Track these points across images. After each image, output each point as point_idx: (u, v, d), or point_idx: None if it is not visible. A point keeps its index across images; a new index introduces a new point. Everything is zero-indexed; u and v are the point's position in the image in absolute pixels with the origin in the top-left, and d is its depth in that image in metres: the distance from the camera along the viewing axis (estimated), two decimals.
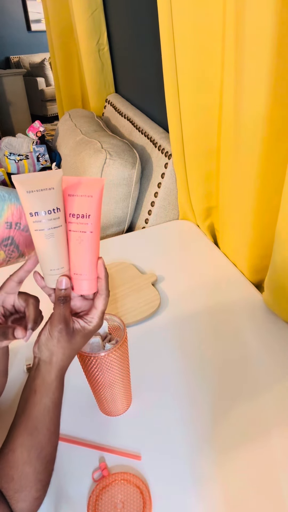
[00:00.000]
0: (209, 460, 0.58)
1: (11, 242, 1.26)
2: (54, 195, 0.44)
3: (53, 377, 0.46)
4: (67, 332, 0.46)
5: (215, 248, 1.07)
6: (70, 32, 2.06)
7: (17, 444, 0.43)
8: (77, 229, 0.46)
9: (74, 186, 0.45)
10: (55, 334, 0.45)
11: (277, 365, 0.72)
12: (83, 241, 0.46)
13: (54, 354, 0.46)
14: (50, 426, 0.45)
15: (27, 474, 0.43)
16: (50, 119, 4.79)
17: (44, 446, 0.44)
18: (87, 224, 0.45)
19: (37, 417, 0.44)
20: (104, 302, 0.49)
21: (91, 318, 0.48)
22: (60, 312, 0.46)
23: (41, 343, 0.46)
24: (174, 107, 0.95)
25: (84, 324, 0.48)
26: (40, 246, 0.45)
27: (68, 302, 0.47)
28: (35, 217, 0.44)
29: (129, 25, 1.50)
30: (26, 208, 0.44)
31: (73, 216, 0.46)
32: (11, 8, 4.69)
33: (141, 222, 1.30)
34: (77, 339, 0.47)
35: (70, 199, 0.45)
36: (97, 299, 0.49)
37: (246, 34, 0.63)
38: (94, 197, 0.45)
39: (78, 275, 0.48)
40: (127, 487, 0.55)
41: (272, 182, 0.75)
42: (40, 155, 1.81)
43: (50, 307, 0.49)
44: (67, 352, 0.46)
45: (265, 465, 0.57)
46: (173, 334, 0.80)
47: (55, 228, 0.44)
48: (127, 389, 0.63)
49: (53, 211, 0.44)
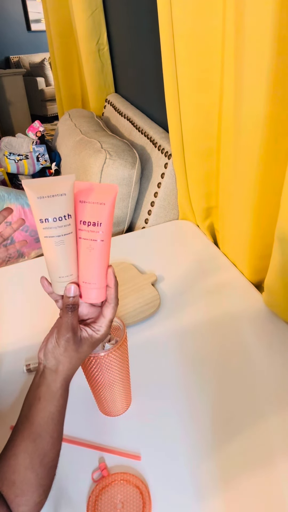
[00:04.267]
0: (208, 460, 0.58)
1: (11, 242, 1.26)
2: (65, 201, 0.42)
3: (58, 386, 0.45)
4: (74, 341, 0.45)
5: (215, 248, 1.07)
6: (70, 32, 2.06)
7: (20, 450, 0.43)
8: (87, 237, 0.45)
9: (86, 192, 0.44)
10: (62, 343, 0.45)
11: (277, 365, 0.72)
12: (93, 249, 0.45)
13: (60, 363, 0.45)
14: (54, 433, 0.45)
15: (29, 479, 0.42)
16: (50, 119, 4.79)
17: (47, 453, 0.44)
18: (98, 232, 0.44)
19: (41, 424, 0.44)
20: (113, 311, 0.48)
21: (99, 326, 0.48)
22: (68, 320, 0.45)
23: (48, 350, 0.46)
24: (174, 107, 0.95)
25: (92, 332, 0.47)
26: (49, 253, 0.44)
27: (76, 310, 0.46)
28: (45, 224, 0.42)
29: (129, 25, 1.50)
30: (36, 214, 0.42)
31: (84, 223, 0.44)
32: (11, 8, 4.69)
33: (141, 222, 1.30)
34: (84, 348, 0.47)
35: (81, 205, 0.44)
36: (106, 308, 0.48)
37: (246, 34, 0.63)
38: (107, 204, 0.44)
39: (87, 284, 0.47)
40: (126, 487, 0.55)
41: (272, 182, 0.75)
42: (40, 155, 1.81)
43: (57, 313, 0.49)
44: (73, 361, 0.46)
45: (265, 465, 0.57)
46: (173, 334, 0.80)
47: (65, 235, 0.43)
48: (126, 389, 0.63)
49: (64, 217, 0.42)
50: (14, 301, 0.93)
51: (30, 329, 0.84)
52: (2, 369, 0.75)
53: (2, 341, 0.81)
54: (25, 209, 1.28)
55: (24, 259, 1.31)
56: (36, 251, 1.33)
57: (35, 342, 0.79)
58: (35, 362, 0.74)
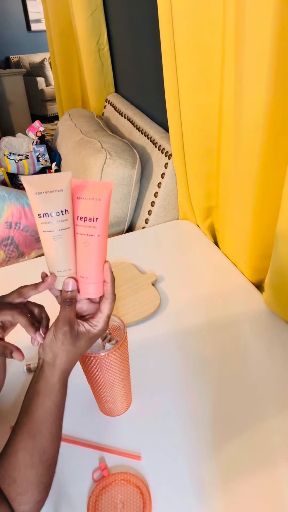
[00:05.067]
0: (209, 460, 0.58)
1: (11, 242, 1.26)
2: (63, 197, 0.44)
3: (56, 380, 0.45)
4: (71, 335, 0.46)
5: (215, 248, 1.07)
6: (70, 32, 2.06)
7: (19, 447, 0.43)
8: (84, 232, 0.46)
9: (82, 188, 0.46)
10: (60, 336, 0.45)
11: (277, 365, 0.72)
12: (90, 244, 0.46)
13: (57, 356, 0.46)
14: (53, 429, 0.45)
15: (29, 477, 0.43)
16: (50, 119, 4.79)
17: (46, 449, 0.44)
18: (95, 227, 0.45)
19: (40, 420, 0.44)
20: (110, 307, 0.49)
21: (97, 322, 0.48)
22: (66, 314, 0.46)
23: (46, 344, 0.46)
24: (174, 107, 0.95)
25: (89, 327, 0.48)
26: (47, 247, 0.46)
27: (74, 304, 0.47)
28: (43, 219, 0.44)
29: (129, 25, 1.50)
30: (35, 209, 0.44)
31: (81, 219, 0.46)
32: (11, 8, 4.69)
33: (141, 222, 1.30)
34: (81, 343, 0.47)
35: (78, 201, 0.46)
36: (103, 303, 0.49)
37: (246, 34, 0.63)
38: (102, 200, 0.45)
39: (84, 278, 0.48)
40: (127, 487, 0.55)
41: (272, 182, 0.75)
42: (40, 155, 1.81)
43: (53, 309, 0.49)
44: (70, 355, 0.46)
45: (266, 465, 0.57)
46: (173, 334, 0.80)
47: (63, 230, 0.45)
48: (127, 389, 0.63)
49: (62, 213, 0.44)
50: None
51: None
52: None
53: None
54: (25, 209, 1.28)
55: (24, 259, 1.31)
56: (36, 251, 1.33)
57: None
58: (35, 362, 0.74)
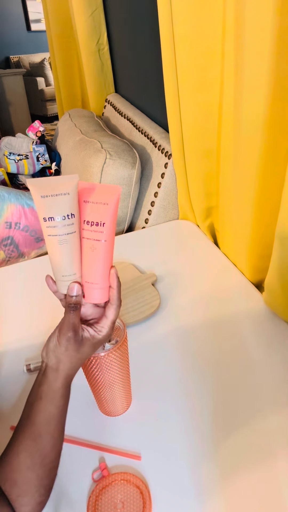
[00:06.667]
0: (209, 460, 0.58)
1: (11, 242, 1.26)
2: (69, 200, 0.43)
3: (59, 385, 0.45)
4: (75, 341, 0.45)
5: (215, 248, 1.07)
6: (70, 32, 2.06)
7: (21, 449, 0.43)
8: (91, 236, 0.45)
9: (89, 192, 0.44)
10: (63, 342, 0.45)
11: (276, 365, 0.72)
12: (96, 249, 0.45)
13: (61, 361, 0.45)
14: (55, 433, 0.45)
15: (30, 479, 0.43)
16: (50, 119, 4.79)
17: (47, 453, 0.44)
18: (102, 232, 0.44)
19: (42, 423, 0.44)
20: (116, 312, 0.48)
21: (101, 327, 0.48)
22: (70, 319, 0.45)
23: (49, 349, 0.46)
24: (174, 107, 0.95)
25: (94, 333, 0.47)
26: (52, 252, 0.45)
27: (78, 309, 0.46)
28: (49, 222, 0.43)
29: (129, 25, 1.50)
30: (40, 213, 0.43)
31: (88, 223, 0.45)
32: (11, 8, 4.69)
33: (141, 222, 1.30)
34: (85, 349, 0.46)
35: (85, 205, 0.44)
36: (108, 309, 0.48)
37: (246, 34, 0.63)
38: (110, 205, 0.44)
39: (90, 284, 0.47)
40: (127, 487, 0.55)
41: (272, 182, 0.75)
42: (40, 155, 1.81)
43: (57, 313, 0.49)
44: (74, 361, 0.46)
45: (266, 465, 0.57)
46: (173, 334, 0.80)
47: (68, 234, 0.43)
48: (127, 389, 0.63)
49: (68, 217, 0.43)
50: (14, 301, 0.93)
51: (30, 329, 0.84)
52: (2, 369, 0.75)
53: (2, 341, 0.81)
54: (25, 209, 1.28)
55: (24, 259, 1.31)
56: (36, 251, 1.33)
57: (36, 342, 0.80)
58: (35, 362, 0.74)
